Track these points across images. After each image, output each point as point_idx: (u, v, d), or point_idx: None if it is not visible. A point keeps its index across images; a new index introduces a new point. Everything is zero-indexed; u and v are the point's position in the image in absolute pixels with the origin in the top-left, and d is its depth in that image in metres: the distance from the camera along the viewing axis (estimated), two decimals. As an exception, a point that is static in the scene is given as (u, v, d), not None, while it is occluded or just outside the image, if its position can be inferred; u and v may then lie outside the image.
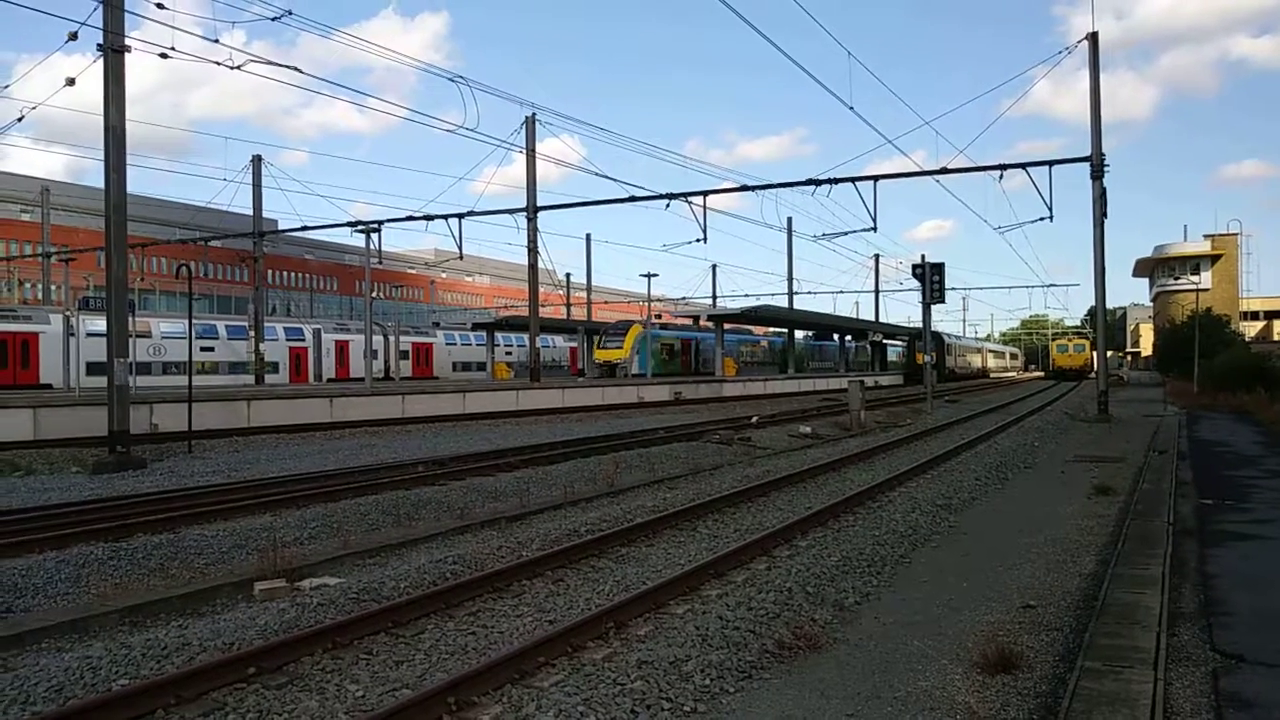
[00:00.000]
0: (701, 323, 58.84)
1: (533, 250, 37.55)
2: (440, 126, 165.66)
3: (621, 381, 44.52)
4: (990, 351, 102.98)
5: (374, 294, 36.23)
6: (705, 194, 32.43)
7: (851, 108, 35.08)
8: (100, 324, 20.63)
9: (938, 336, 64.09)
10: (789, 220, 59.99)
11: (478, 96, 75.97)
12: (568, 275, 72.88)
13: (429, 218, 35.75)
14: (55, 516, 11.08)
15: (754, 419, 27.34)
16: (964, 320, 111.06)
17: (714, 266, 79.48)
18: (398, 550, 9.86)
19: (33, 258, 53.75)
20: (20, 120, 40.20)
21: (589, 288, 69.09)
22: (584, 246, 65.92)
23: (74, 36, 17.17)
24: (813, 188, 30.01)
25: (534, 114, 36.96)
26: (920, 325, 39.78)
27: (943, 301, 33.60)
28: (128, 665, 5.91)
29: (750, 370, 60.32)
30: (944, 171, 29.05)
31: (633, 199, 34.01)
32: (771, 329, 70.15)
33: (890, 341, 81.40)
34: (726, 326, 53.73)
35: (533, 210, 37.25)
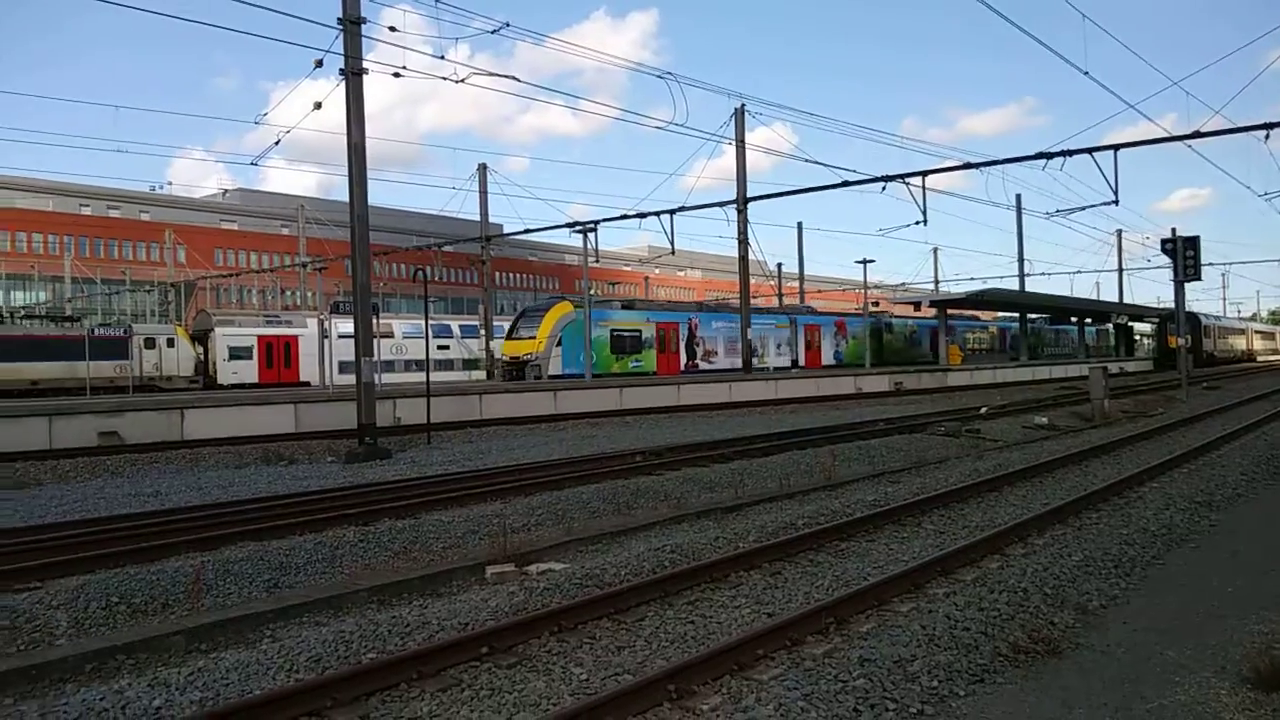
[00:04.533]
0: (924, 309, 56.57)
1: (743, 241, 37.46)
2: (650, 124, 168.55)
3: (836, 372, 43.44)
4: (1257, 332, 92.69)
5: (592, 291, 37.31)
6: (924, 174, 31.09)
7: (1086, 73, 32.41)
8: (349, 326, 22.59)
9: (1193, 317, 58.27)
10: (1017, 197, 56.39)
11: (686, 91, 76.85)
12: (779, 265, 72.22)
13: (642, 215, 36.43)
14: (313, 502, 12.16)
15: (983, 410, 25.97)
16: (1224, 299, 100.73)
17: (935, 250, 76.38)
18: (617, 538, 10.09)
19: (291, 268, 59.57)
20: (277, 144, 44.37)
21: (801, 276, 68.18)
22: (795, 235, 65.18)
23: (319, 64, 18.75)
24: (1043, 161, 28.02)
25: (743, 104, 36.85)
26: (1172, 305, 36.32)
27: (1198, 279, 30.42)
28: (375, 640, 6.37)
29: (977, 358, 57.38)
30: (1196, 136, 26.30)
31: (845, 184, 33.17)
32: (1000, 314, 66.38)
33: (1137, 324, 75.00)
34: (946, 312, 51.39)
35: (742, 201, 37.15)
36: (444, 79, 21.02)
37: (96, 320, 49.45)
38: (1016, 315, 61.57)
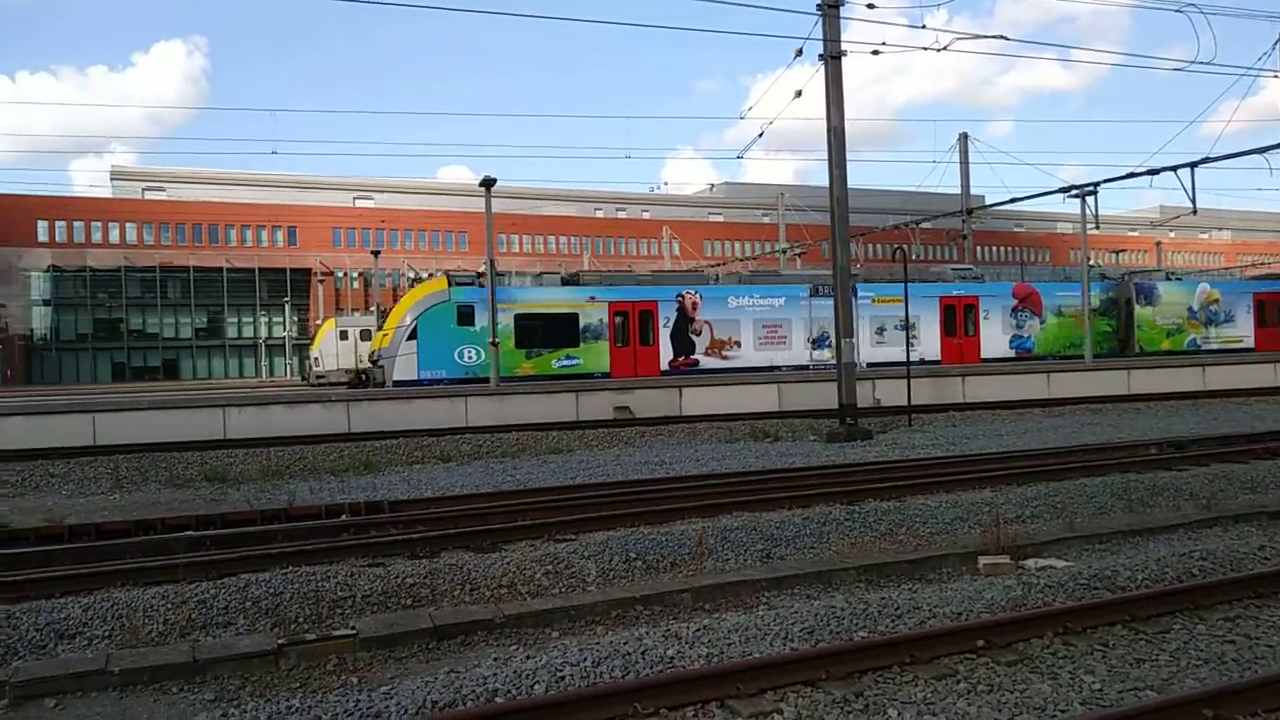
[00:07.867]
0: None
1: (1289, 195, 31.33)
2: (1162, 67, 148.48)
3: None
4: None
5: (1090, 261, 33.72)
6: None
7: None
8: (828, 306, 23.06)
9: None
10: None
11: (1211, 22, 66.01)
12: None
13: (1152, 172, 31.98)
14: (799, 478, 12.56)
15: None
16: None
17: None
18: (1130, 538, 9.08)
19: (772, 254, 62.39)
20: (760, 136, 46.81)
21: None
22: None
23: (799, 52, 19.25)
24: None
25: (1287, 30, 30.75)
26: None
27: None
28: (865, 619, 6.37)
29: None
30: None
31: None
32: None
33: None
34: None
35: (1288, 147, 31.06)
36: (924, 49, 20.41)
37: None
38: None
